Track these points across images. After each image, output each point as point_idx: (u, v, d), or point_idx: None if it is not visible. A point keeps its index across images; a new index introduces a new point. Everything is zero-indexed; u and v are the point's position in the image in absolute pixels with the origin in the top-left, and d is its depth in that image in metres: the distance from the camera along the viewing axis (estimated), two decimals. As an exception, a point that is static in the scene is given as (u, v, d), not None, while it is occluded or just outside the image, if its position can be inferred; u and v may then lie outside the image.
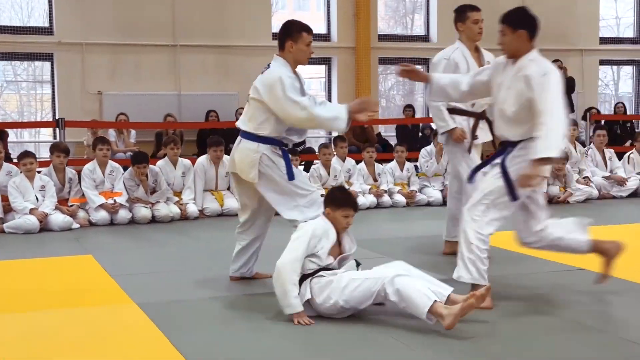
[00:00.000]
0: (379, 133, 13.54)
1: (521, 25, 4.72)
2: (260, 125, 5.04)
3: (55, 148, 8.66)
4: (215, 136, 9.43)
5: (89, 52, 12.62)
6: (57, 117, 12.61)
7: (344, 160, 9.84)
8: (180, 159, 9.07)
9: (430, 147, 10.20)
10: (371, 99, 5.26)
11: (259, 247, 5.50)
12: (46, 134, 13.58)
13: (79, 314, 4.76)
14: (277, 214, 5.23)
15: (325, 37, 14.10)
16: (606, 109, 14.97)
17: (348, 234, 4.75)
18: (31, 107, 13.79)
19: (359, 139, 12.20)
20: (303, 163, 10.70)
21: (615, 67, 16.21)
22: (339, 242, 4.68)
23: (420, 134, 13.49)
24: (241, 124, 5.18)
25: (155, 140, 12.02)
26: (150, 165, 8.81)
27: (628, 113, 14.58)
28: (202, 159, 9.17)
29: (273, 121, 5.03)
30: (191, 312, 4.75)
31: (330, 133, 12.82)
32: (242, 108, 12.45)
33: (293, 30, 5.13)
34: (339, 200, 4.67)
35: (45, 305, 5.00)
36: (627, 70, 16.22)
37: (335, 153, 9.82)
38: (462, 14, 6.35)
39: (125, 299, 5.05)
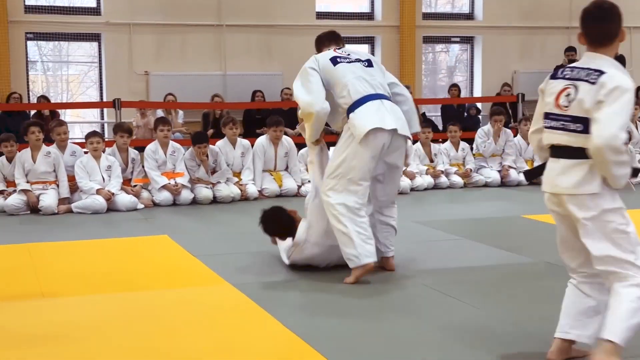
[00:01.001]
0: (424, 113, 13.46)
1: None
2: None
3: (119, 128, 8.69)
4: (275, 116, 9.41)
5: (135, 33, 12.60)
6: (104, 98, 12.75)
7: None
8: (239, 139, 9.06)
9: (487, 127, 10.13)
10: None
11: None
12: (89, 115, 13.62)
13: (180, 295, 4.79)
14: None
15: (369, 16, 14.02)
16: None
17: None
18: (57, 88, 13.77)
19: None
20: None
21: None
22: None
23: (465, 113, 13.40)
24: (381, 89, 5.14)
25: (203, 120, 12.04)
26: (210, 146, 8.81)
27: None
28: (262, 139, 9.15)
29: None
30: (290, 293, 4.76)
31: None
32: (288, 88, 12.68)
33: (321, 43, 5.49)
34: None
35: (142, 286, 5.03)
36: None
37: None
38: None
39: (219, 280, 5.06)
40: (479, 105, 13.61)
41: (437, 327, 3.99)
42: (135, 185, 8.52)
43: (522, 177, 9.81)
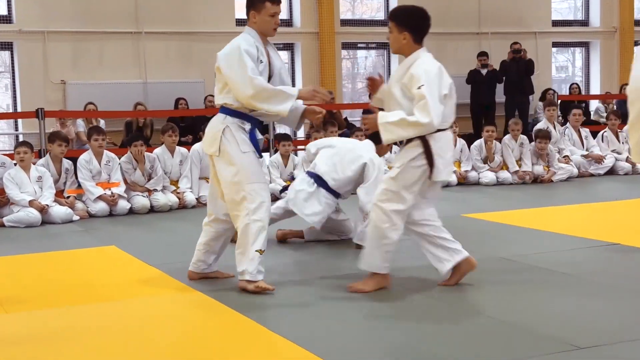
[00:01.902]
0: (346, 118, 13.60)
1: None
2: (224, 96, 4.80)
3: (57, 137, 8.39)
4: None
5: (50, 41, 12.22)
6: (18, 109, 12.28)
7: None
8: (177, 147, 8.91)
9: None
10: (321, 89, 4.98)
11: (225, 241, 5.15)
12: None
13: (151, 304, 4.67)
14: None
15: (288, 23, 14.05)
16: (562, 90, 15.43)
17: None
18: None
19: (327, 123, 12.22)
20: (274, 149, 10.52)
21: (572, 49, 16.72)
22: None
23: (385, 117, 13.60)
24: (216, 98, 4.96)
25: (125, 129, 11.78)
26: (147, 153, 8.66)
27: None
28: (197, 146, 9.02)
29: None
30: (262, 296, 4.72)
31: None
32: (211, 95, 12.54)
33: (256, 1, 4.85)
34: None
35: (107, 298, 4.86)
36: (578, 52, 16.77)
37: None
38: None
39: (186, 288, 4.96)
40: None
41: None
42: (68, 197, 8.24)
43: (450, 178, 10.06)
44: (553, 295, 4.53)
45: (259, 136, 4.96)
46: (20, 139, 12.20)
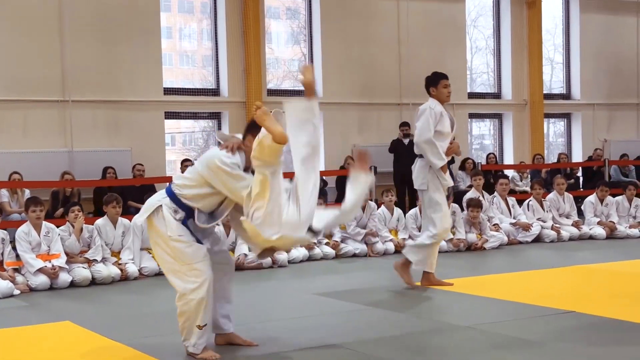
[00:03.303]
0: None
1: None
2: (185, 183, 4.96)
3: (-9, 208, 8.11)
4: (152, 193, 9.15)
5: (-28, 108, 11.91)
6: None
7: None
8: (120, 218, 8.76)
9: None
10: None
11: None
12: None
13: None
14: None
15: (215, 92, 14.17)
16: (480, 159, 16.03)
17: None
18: None
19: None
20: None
21: (488, 120, 17.44)
22: None
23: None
24: (176, 177, 5.17)
25: (51, 199, 11.49)
26: (87, 225, 8.51)
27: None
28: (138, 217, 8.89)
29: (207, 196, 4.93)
30: None
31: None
32: (140, 164, 12.43)
33: (256, 128, 4.86)
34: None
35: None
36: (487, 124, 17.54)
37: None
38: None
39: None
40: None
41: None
42: (9, 269, 7.95)
43: (387, 246, 10.26)
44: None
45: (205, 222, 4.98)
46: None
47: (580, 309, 6.14)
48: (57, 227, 8.47)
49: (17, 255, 8.18)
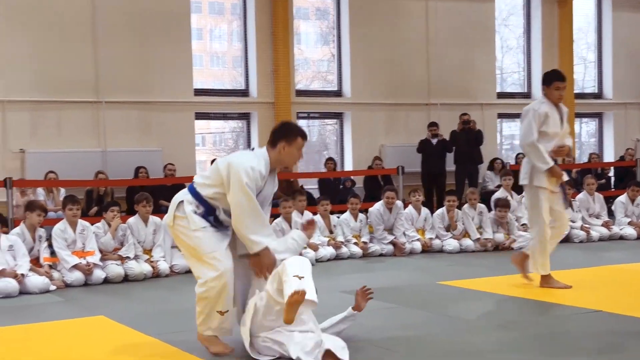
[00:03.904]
0: (302, 186, 13.80)
1: None
2: (204, 181, 5.06)
3: (36, 206, 8.33)
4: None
5: (9, 110, 12.19)
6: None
7: (302, 213, 10.02)
8: (150, 216, 8.94)
9: (381, 205, 10.43)
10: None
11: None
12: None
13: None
14: None
15: (245, 93, 14.32)
16: (510, 159, 16.01)
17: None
18: None
19: (286, 192, 12.39)
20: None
21: (518, 120, 17.35)
22: None
23: (341, 186, 13.86)
24: (197, 176, 5.26)
25: (86, 198, 11.72)
26: (121, 224, 8.72)
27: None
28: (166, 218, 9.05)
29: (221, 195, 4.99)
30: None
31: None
32: (171, 164, 12.63)
33: (291, 133, 5.11)
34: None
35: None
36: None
37: (293, 206, 9.95)
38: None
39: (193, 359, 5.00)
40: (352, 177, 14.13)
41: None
42: (46, 265, 8.16)
43: (414, 246, 10.31)
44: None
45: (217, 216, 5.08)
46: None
47: (609, 309, 6.16)
48: (91, 225, 8.68)
49: (53, 253, 8.39)
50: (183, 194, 5.13)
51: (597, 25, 17.60)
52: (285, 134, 5.09)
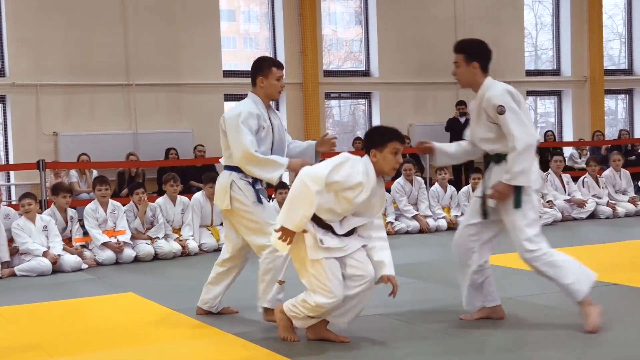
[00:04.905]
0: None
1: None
2: (229, 157, 5.27)
3: (60, 189, 8.61)
4: (211, 173, 9.57)
5: (42, 94, 12.46)
6: (10, 160, 12.44)
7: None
8: (178, 196, 9.15)
9: (402, 179, 10.57)
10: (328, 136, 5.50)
11: (230, 282, 5.61)
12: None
13: (190, 348, 4.88)
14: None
15: (273, 74, 14.42)
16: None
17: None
18: None
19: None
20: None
21: (552, 97, 17.32)
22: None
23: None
24: (223, 158, 5.42)
25: (118, 179, 11.98)
26: (150, 203, 8.92)
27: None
28: (198, 195, 9.29)
29: None
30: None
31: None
32: (201, 145, 12.82)
33: (264, 67, 5.37)
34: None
35: (147, 341, 5.07)
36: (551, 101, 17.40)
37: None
38: None
39: (219, 332, 5.17)
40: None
41: None
42: (79, 245, 8.44)
43: (440, 223, 10.41)
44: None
45: (259, 186, 5.36)
46: (13, 190, 12.39)
47: (625, 282, 6.22)
48: (123, 205, 8.92)
49: (86, 233, 8.66)
50: (226, 177, 5.28)
51: (627, 1, 17.40)
52: (258, 69, 5.34)
